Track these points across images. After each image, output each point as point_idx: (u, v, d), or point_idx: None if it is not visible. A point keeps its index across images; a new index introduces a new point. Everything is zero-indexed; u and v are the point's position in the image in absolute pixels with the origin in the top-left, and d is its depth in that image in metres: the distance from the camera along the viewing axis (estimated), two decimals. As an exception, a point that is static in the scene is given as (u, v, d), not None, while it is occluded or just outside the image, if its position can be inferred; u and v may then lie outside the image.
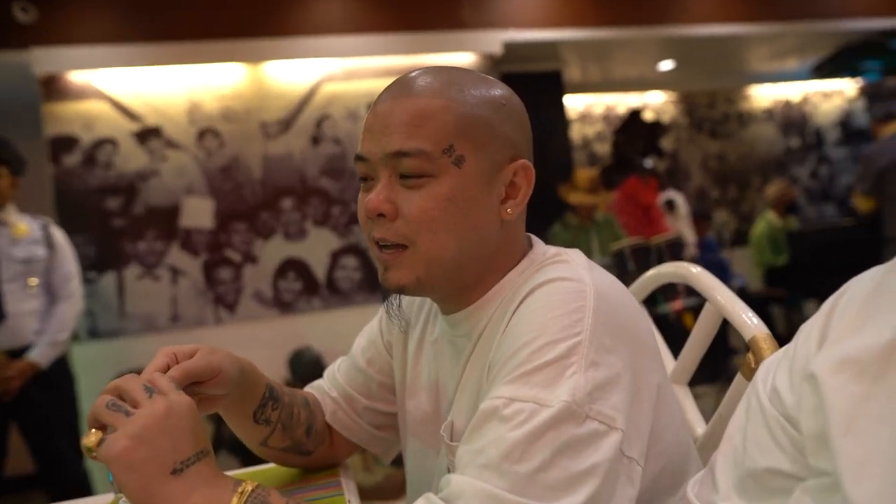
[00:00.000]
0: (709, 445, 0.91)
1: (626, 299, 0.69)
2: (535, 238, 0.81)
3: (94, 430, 0.58)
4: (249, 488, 0.59)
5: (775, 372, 0.59)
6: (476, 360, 0.75)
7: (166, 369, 0.70)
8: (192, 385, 0.75)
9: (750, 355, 0.85)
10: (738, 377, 0.87)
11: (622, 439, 0.59)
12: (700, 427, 0.96)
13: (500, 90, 0.75)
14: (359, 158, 0.73)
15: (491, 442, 0.58)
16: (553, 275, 0.68)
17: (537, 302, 0.66)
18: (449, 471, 0.74)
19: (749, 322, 0.87)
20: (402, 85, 0.73)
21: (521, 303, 0.68)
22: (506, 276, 0.75)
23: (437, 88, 0.71)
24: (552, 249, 0.77)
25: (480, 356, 0.74)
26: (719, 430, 0.90)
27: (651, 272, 1.09)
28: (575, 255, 0.74)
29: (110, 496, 0.90)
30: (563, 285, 0.66)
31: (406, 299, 0.94)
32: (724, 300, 0.92)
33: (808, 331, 0.55)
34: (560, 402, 0.57)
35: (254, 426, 0.86)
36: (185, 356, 0.73)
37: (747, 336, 0.85)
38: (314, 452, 0.94)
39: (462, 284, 0.75)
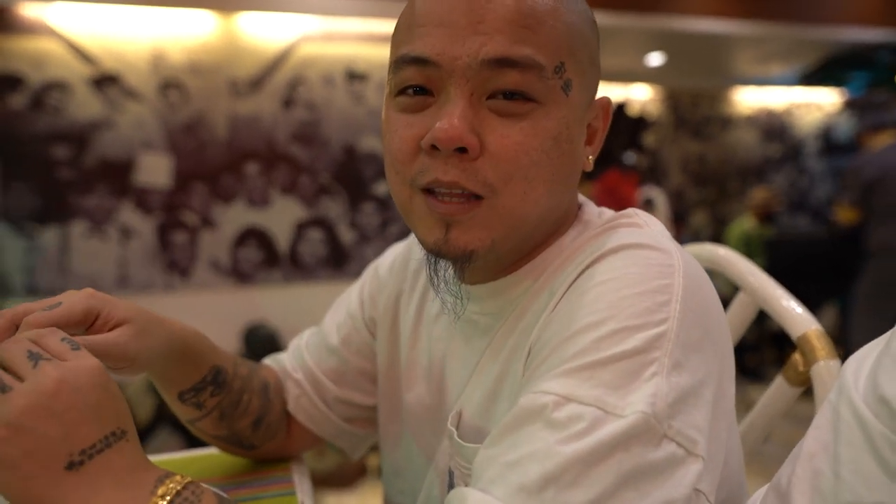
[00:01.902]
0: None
1: (710, 284, 0.52)
2: (581, 196, 0.63)
3: None
4: (175, 489, 0.43)
5: (875, 375, 0.44)
6: (502, 340, 0.57)
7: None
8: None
9: (797, 356, 0.70)
10: (779, 381, 0.73)
11: (702, 470, 0.42)
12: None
13: (586, 3, 0.57)
14: (417, 61, 0.51)
15: (533, 454, 0.41)
16: (628, 240, 0.50)
17: (608, 273, 0.48)
18: (451, 475, 0.58)
19: (797, 315, 0.72)
20: None
21: (581, 273, 0.50)
22: (555, 242, 0.58)
23: None
24: (609, 210, 0.60)
25: (510, 336, 0.57)
26: (749, 439, 0.76)
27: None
28: (647, 218, 0.56)
29: None
30: (644, 254, 0.49)
31: (397, 260, 0.76)
32: (763, 287, 0.78)
33: None
34: (636, 412, 0.41)
35: (179, 404, 0.68)
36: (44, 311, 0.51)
37: (795, 332, 0.71)
38: (260, 447, 0.76)
39: (524, 250, 0.57)
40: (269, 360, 0.81)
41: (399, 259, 0.76)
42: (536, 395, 0.44)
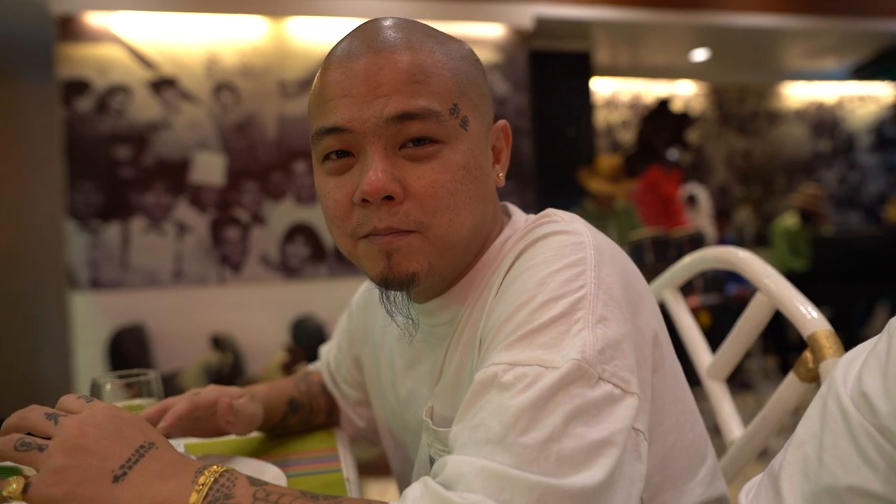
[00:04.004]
0: (747, 449, 0.82)
1: (623, 253, 0.62)
2: (512, 206, 0.72)
3: (13, 477, 0.50)
4: (212, 479, 0.49)
5: (861, 373, 0.49)
6: (460, 340, 0.66)
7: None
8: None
9: (808, 354, 0.75)
10: (791, 377, 0.78)
11: (637, 406, 0.50)
12: (737, 429, 0.87)
13: (467, 45, 0.67)
14: (332, 131, 0.58)
15: (491, 413, 0.48)
16: (545, 231, 0.60)
17: (531, 260, 0.57)
18: (432, 462, 0.66)
19: (808, 316, 0.77)
20: (378, 38, 0.60)
21: (511, 266, 0.59)
22: (488, 249, 0.67)
23: (422, 41, 0.60)
24: (533, 215, 0.68)
25: (464, 335, 0.65)
26: (762, 432, 0.81)
27: (692, 257, 0.99)
28: (563, 214, 0.64)
29: None
30: (558, 238, 0.58)
31: (362, 297, 0.90)
32: (778, 289, 0.82)
33: None
34: (569, 360, 0.49)
35: (275, 428, 0.91)
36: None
37: (806, 332, 0.76)
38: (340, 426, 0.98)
39: (461, 265, 0.65)
40: (311, 368, 1.00)
41: (364, 296, 0.90)
42: (488, 368, 0.52)
